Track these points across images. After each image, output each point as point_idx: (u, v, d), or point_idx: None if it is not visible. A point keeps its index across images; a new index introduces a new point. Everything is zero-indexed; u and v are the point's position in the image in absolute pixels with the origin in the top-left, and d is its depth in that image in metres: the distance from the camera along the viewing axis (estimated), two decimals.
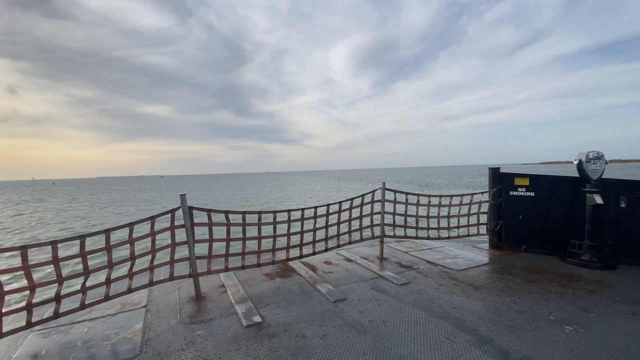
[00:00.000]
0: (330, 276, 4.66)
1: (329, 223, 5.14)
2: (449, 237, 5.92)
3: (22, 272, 3.00)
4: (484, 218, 6.04)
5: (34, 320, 3.05)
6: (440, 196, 5.83)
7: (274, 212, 4.65)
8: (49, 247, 3.13)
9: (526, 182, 5.63)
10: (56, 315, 3.16)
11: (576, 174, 5.05)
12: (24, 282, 3.00)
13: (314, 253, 5.00)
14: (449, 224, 5.89)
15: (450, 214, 5.88)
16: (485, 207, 6.00)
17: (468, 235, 5.99)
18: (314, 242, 4.99)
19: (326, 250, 5.12)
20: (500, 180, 5.88)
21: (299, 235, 4.87)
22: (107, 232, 3.46)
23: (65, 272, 3.25)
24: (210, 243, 4.22)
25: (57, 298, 3.16)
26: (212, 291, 4.26)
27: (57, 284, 3.18)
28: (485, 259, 5.36)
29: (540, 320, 3.24)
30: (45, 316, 3.21)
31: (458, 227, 5.91)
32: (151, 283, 3.79)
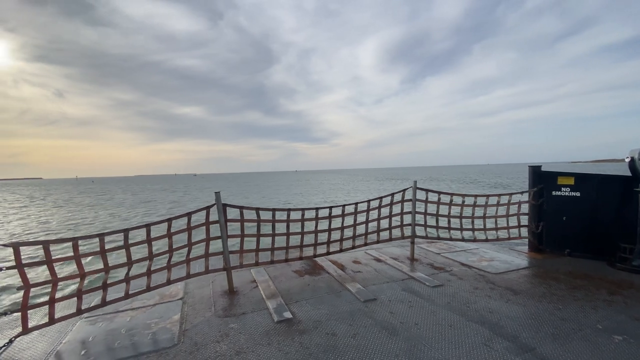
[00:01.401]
0: (359, 275, 4.63)
1: (357, 222, 5.12)
2: (486, 240, 5.66)
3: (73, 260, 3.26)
4: (523, 220, 5.72)
5: (82, 307, 3.29)
6: (476, 196, 5.60)
7: (302, 209, 4.72)
8: (97, 239, 3.37)
9: (571, 181, 5.27)
10: (103, 302, 3.40)
11: (628, 173, 4.67)
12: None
13: (341, 250, 4.99)
14: (484, 225, 5.63)
15: (487, 215, 5.63)
16: (524, 208, 5.69)
17: (508, 239, 5.71)
18: (341, 239, 4.99)
19: (353, 248, 5.09)
20: (541, 179, 5.55)
21: (327, 232, 4.89)
22: (147, 226, 3.68)
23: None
24: (242, 238, 4.35)
25: (104, 286, 3.40)
26: (244, 286, 4.38)
27: (104, 272, 3.41)
28: (525, 263, 5.08)
29: (587, 329, 3.02)
30: (93, 304, 3.45)
31: (496, 229, 5.63)
32: (188, 275, 3.96)
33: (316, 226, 4.80)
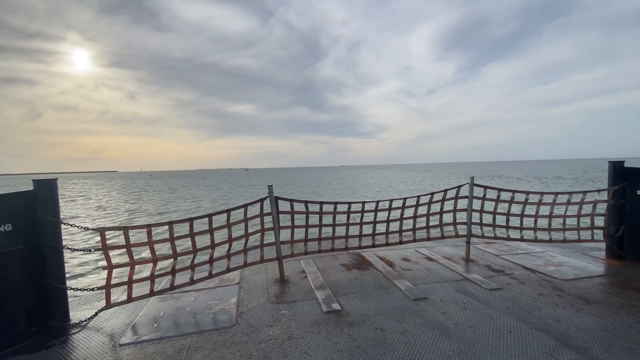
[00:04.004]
0: (409, 273, 4.53)
1: (405, 216, 5.04)
2: (551, 241, 5.10)
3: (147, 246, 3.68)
4: (598, 221, 5.07)
5: (155, 289, 3.70)
6: (542, 193, 5.10)
7: (349, 202, 4.80)
8: (167, 227, 3.74)
9: None
10: (172, 287, 3.78)
11: None
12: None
13: (387, 244, 4.94)
14: (552, 226, 5.06)
15: (555, 214, 5.08)
16: (600, 208, 5.04)
17: (578, 241, 5.10)
18: (387, 233, 4.95)
19: (401, 243, 4.99)
20: (624, 176, 4.87)
21: (372, 225, 4.92)
22: (209, 216, 4.00)
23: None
24: (292, 229, 4.54)
25: (173, 272, 3.77)
26: (294, 276, 4.56)
27: (172, 259, 3.79)
28: (600, 270, 4.52)
29: None
30: (162, 287, 3.86)
31: (565, 230, 5.04)
32: (245, 264, 4.27)
33: (361, 218, 4.86)
